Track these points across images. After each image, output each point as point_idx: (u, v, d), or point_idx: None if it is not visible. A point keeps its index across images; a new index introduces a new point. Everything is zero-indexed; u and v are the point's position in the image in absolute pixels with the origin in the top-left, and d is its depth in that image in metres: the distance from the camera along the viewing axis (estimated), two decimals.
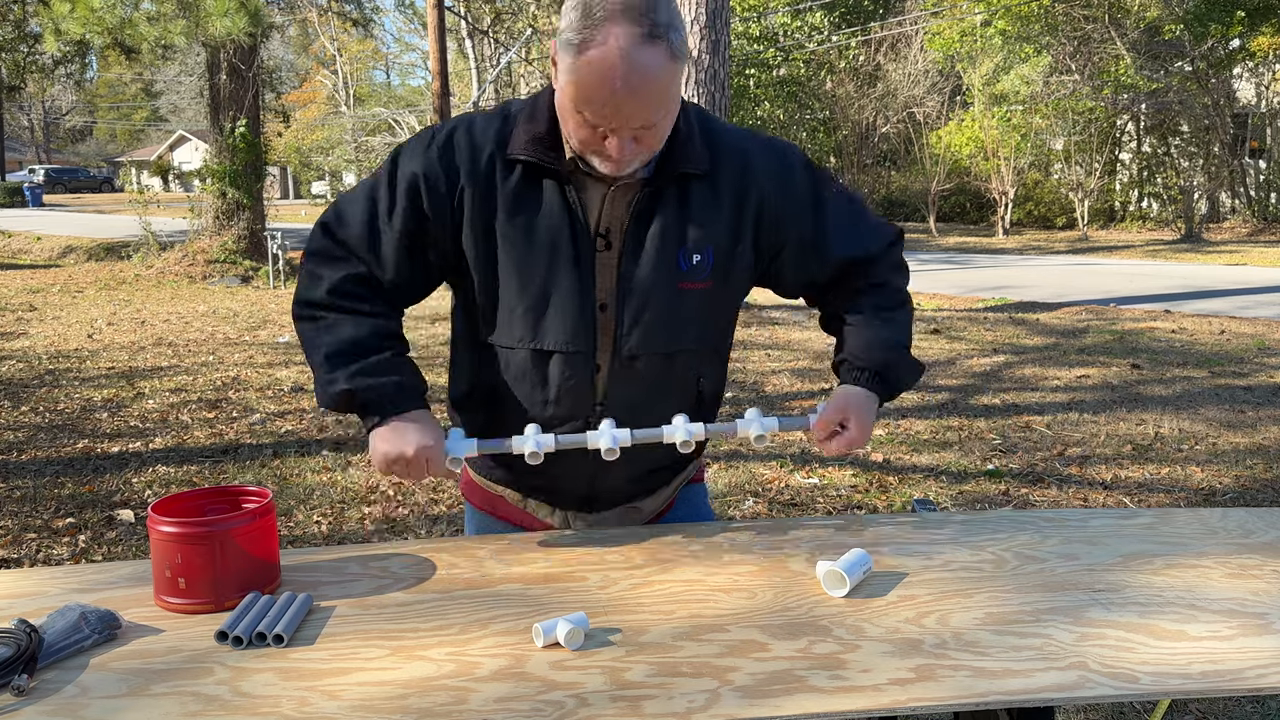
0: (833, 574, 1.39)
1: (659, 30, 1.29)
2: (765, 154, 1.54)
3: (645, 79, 1.30)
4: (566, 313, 1.47)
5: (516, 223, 1.46)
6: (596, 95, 1.31)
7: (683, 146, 1.46)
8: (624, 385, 1.53)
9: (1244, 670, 1.17)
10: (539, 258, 1.46)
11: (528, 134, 1.45)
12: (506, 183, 1.46)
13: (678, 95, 1.39)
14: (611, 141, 1.36)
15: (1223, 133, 20.44)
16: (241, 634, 1.23)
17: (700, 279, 1.50)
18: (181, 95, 50.78)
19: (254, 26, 12.02)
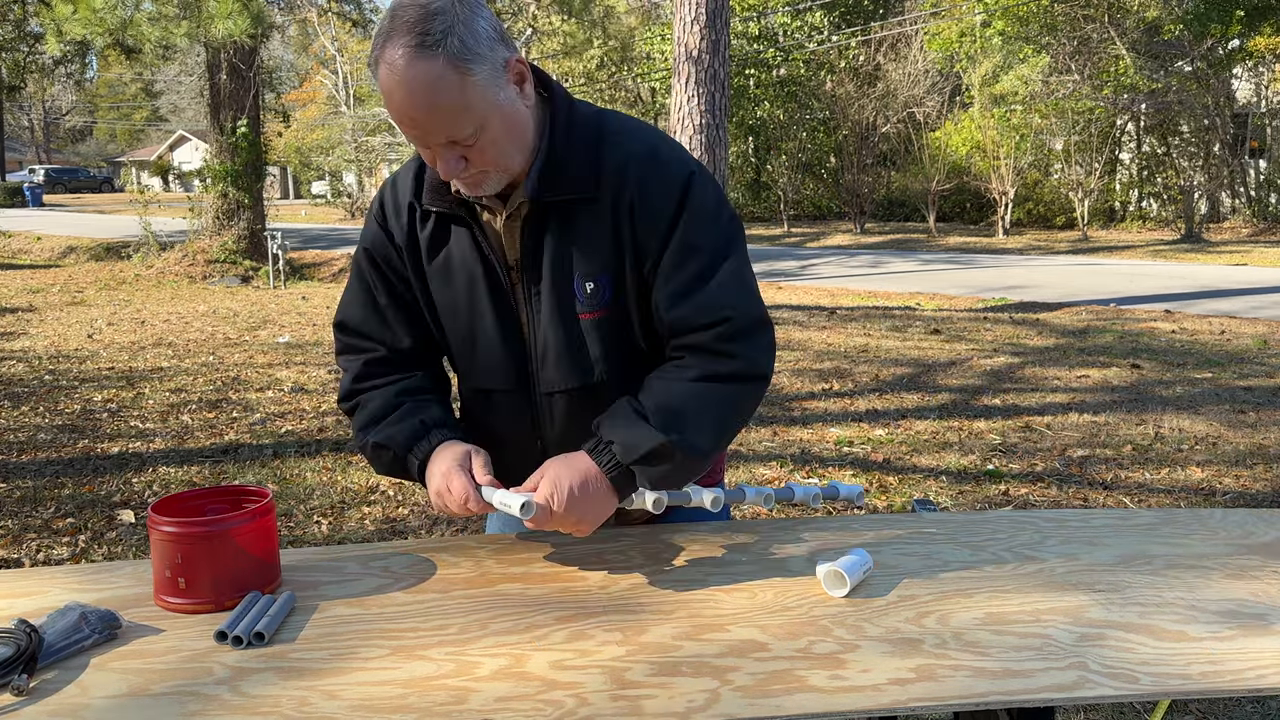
0: (833, 574, 1.39)
1: (430, 40, 1.26)
2: (646, 159, 1.43)
3: (425, 94, 1.27)
4: (491, 351, 1.51)
5: (436, 267, 1.50)
6: (394, 114, 1.31)
7: (559, 171, 1.41)
8: (557, 422, 1.52)
9: (1244, 671, 1.17)
10: (461, 299, 1.50)
11: (428, 181, 1.47)
12: (425, 230, 1.50)
13: (489, 106, 1.31)
14: (439, 161, 1.35)
15: (1223, 132, 20.44)
16: (241, 633, 1.23)
17: (597, 307, 1.45)
18: (181, 95, 50.80)
19: (255, 28, 12.03)
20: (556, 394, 1.50)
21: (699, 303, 1.42)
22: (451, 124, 1.30)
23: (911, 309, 10.66)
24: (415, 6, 1.28)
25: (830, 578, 1.39)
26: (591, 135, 1.44)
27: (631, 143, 1.44)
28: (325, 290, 14.13)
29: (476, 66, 1.29)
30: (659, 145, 1.46)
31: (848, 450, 5.14)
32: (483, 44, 1.30)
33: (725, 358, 1.43)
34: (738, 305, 1.43)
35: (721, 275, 1.44)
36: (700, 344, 1.44)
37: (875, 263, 16.04)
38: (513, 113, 1.36)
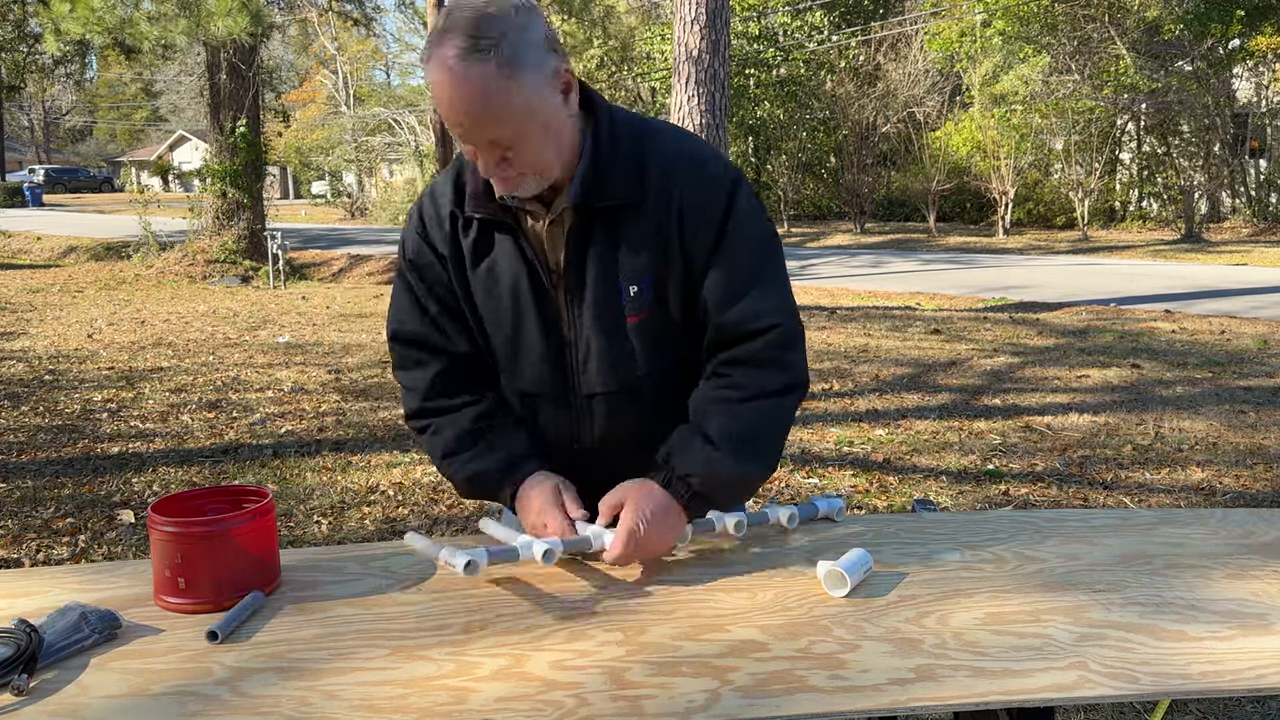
0: (833, 574, 1.39)
1: (484, 44, 1.28)
2: (691, 166, 1.47)
3: (474, 96, 1.30)
4: (533, 355, 1.53)
5: (479, 274, 1.52)
6: (440, 109, 1.34)
7: (604, 177, 1.43)
8: (597, 424, 1.55)
9: (1244, 671, 1.17)
10: (505, 304, 1.52)
11: (471, 188, 1.49)
12: (468, 238, 1.52)
13: (534, 113, 1.34)
14: (479, 159, 1.38)
15: (1223, 132, 20.43)
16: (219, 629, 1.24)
17: (642, 308, 1.48)
18: (181, 95, 50.79)
19: (255, 26, 12.03)
20: (597, 396, 1.53)
21: (748, 308, 1.47)
22: (495, 126, 1.33)
23: (911, 309, 10.66)
24: (473, 8, 1.30)
25: (830, 578, 1.39)
26: (635, 142, 1.47)
27: (675, 150, 1.48)
28: (325, 290, 14.13)
29: (525, 74, 1.31)
30: (703, 152, 1.51)
31: (848, 450, 5.14)
32: (533, 52, 1.32)
33: (775, 369, 1.48)
34: (783, 311, 1.49)
35: (768, 281, 1.49)
36: (750, 355, 1.48)
37: (875, 263, 16.04)
38: (556, 121, 1.38)
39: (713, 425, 1.46)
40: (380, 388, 6.77)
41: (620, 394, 1.52)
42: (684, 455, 1.46)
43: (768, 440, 1.49)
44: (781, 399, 1.49)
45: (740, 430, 1.45)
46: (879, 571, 1.45)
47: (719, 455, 1.44)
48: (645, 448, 1.53)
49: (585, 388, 1.53)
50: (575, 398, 1.54)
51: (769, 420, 1.48)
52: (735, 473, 1.46)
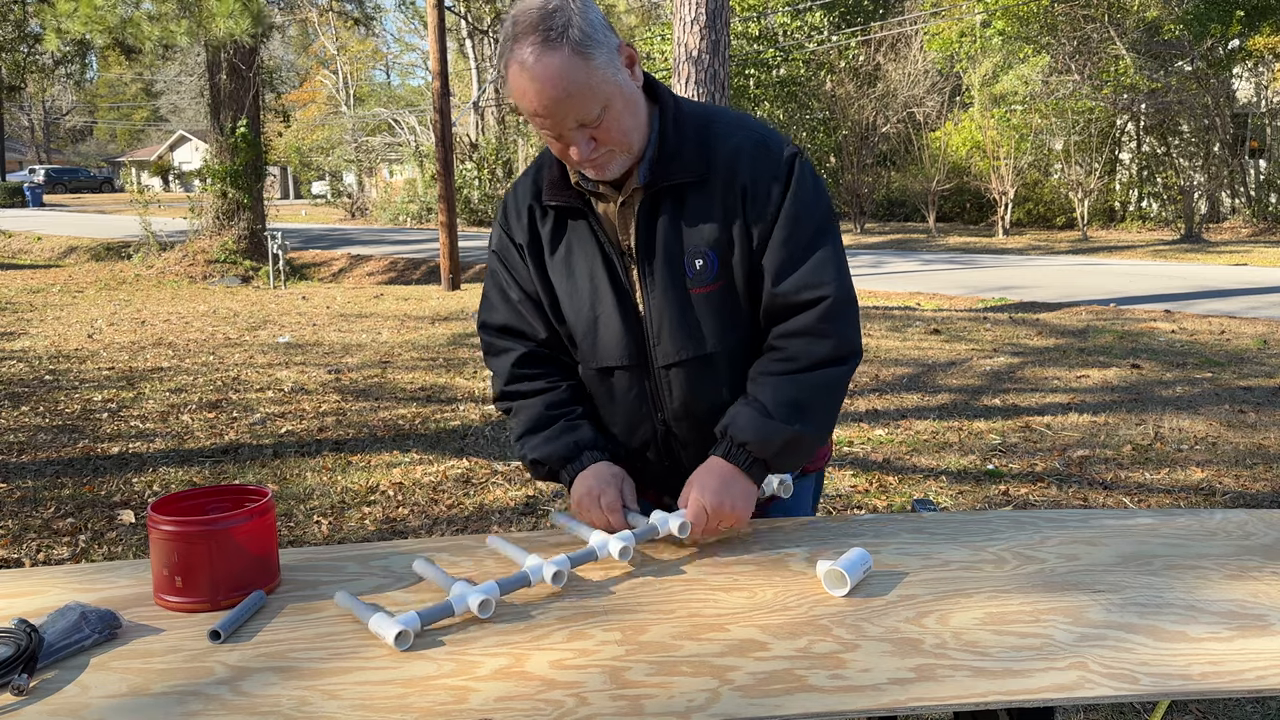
0: (833, 573, 1.39)
1: (554, 35, 1.38)
2: (756, 146, 1.56)
3: (556, 82, 1.39)
4: (612, 330, 1.61)
5: (557, 259, 1.63)
6: (528, 108, 1.43)
7: (672, 157, 1.54)
8: (675, 393, 1.63)
9: (1244, 671, 1.17)
10: (583, 286, 1.61)
11: (548, 179, 1.61)
12: (545, 227, 1.64)
13: (611, 86, 1.44)
14: (571, 147, 1.47)
15: (1223, 132, 20.44)
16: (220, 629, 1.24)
17: (708, 282, 1.57)
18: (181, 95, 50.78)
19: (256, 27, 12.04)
20: (673, 366, 1.60)
21: (799, 280, 1.55)
22: (581, 107, 1.42)
23: (911, 309, 10.66)
24: (534, 9, 1.41)
25: (830, 577, 1.39)
26: (700, 124, 1.57)
27: (740, 131, 1.58)
28: (325, 290, 14.13)
29: (596, 51, 1.42)
30: (765, 133, 1.60)
31: (847, 450, 5.14)
32: (598, 31, 1.43)
33: (826, 340, 1.56)
34: (835, 281, 1.57)
35: (822, 251, 1.57)
36: (802, 328, 1.56)
37: (876, 263, 16.04)
38: (630, 92, 1.49)
39: (766, 394, 1.55)
40: (380, 388, 6.77)
41: (693, 363, 1.60)
42: (740, 425, 1.54)
43: (819, 406, 1.57)
44: (832, 368, 1.57)
45: (792, 397, 1.54)
46: (879, 571, 1.45)
47: (772, 422, 1.52)
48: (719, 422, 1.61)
49: (661, 358, 1.61)
50: (653, 368, 1.62)
51: (820, 388, 1.56)
52: (788, 436, 1.53)
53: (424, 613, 1.27)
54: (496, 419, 5.81)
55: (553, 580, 1.37)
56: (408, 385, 6.84)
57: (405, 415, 5.95)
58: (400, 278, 16.55)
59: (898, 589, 1.40)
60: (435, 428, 5.67)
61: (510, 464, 4.93)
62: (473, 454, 5.12)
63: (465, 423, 5.76)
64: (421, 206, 29.76)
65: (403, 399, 6.40)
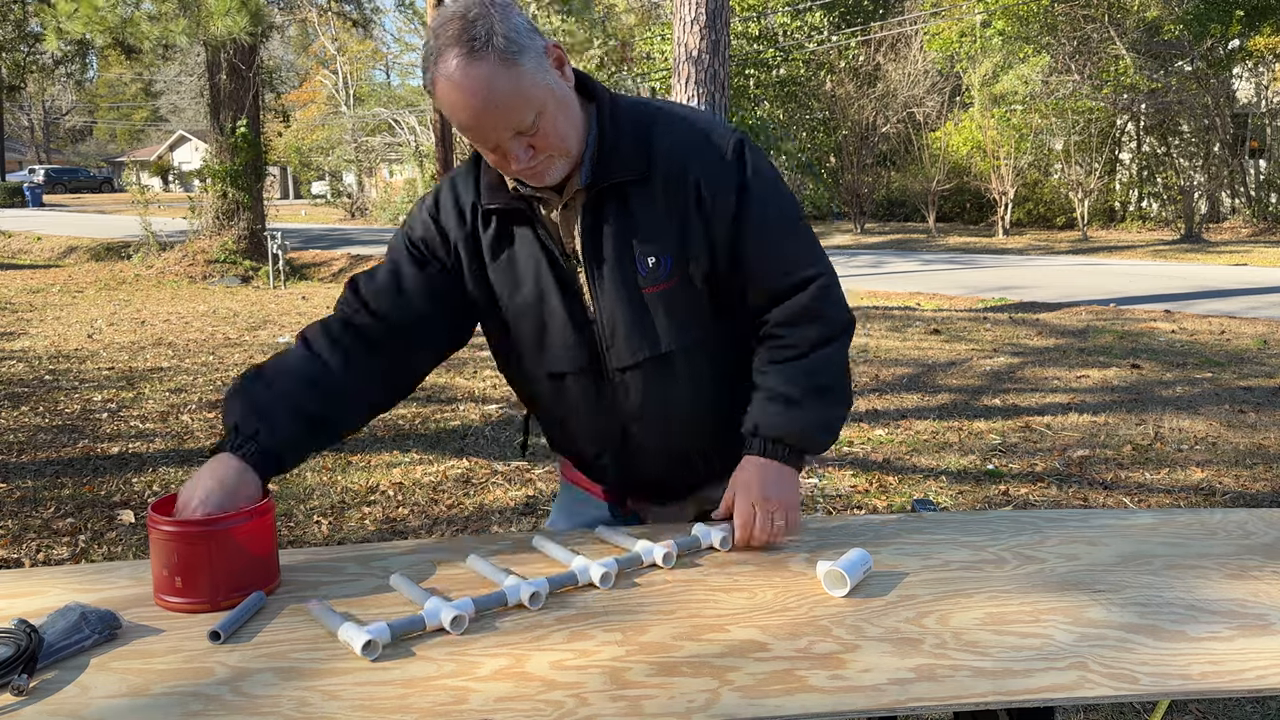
0: (833, 574, 1.39)
1: (478, 44, 1.35)
2: (698, 136, 1.53)
3: (484, 93, 1.36)
4: (561, 336, 1.56)
5: (500, 266, 1.57)
6: (460, 121, 1.39)
7: (610, 155, 1.49)
8: (633, 396, 1.58)
9: (1244, 671, 1.17)
10: (529, 292, 1.56)
11: (486, 181, 1.54)
12: (487, 231, 1.56)
13: (542, 90, 1.39)
14: (508, 157, 1.43)
15: (1223, 132, 20.44)
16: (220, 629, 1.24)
17: (661, 280, 1.52)
18: (181, 95, 50.79)
19: (255, 26, 12.04)
20: (629, 369, 1.56)
21: (787, 261, 1.54)
22: (514, 115, 1.38)
23: (911, 309, 10.66)
24: (455, 20, 1.37)
25: (830, 578, 1.39)
26: (638, 121, 1.52)
27: (680, 123, 1.54)
28: (325, 290, 14.13)
29: (523, 57, 1.38)
30: (706, 122, 1.57)
31: (847, 450, 5.14)
32: (523, 35, 1.39)
33: (823, 320, 1.56)
34: (816, 259, 1.57)
35: (798, 231, 1.56)
36: (797, 312, 1.54)
37: (876, 263, 16.04)
38: (562, 94, 1.44)
39: (784, 384, 1.54)
40: None
41: (650, 364, 1.56)
42: (770, 421, 1.53)
43: (838, 383, 1.58)
44: (836, 343, 1.57)
45: (811, 382, 1.54)
46: (879, 571, 1.45)
47: (802, 411, 1.53)
48: (682, 423, 1.59)
49: (616, 361, 1.56)
50: (607, 372, 1.58)
51: (833, 365, 1.57)
52: (820, 419, 1.55)
53: (395, 624, 1.23)
54: (496, 419, 5.82)
55: (530, 602, 1.33)
56: None
57: (405, 415, 5.95)
58: None
59: (898, 589, 1.40)
60: (435, 428, 5.67)
61: (510, 464, 4.93)
62: (473, 454, 5.12)
63: (465, 423, 5.76)
64: None
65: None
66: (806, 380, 1.54)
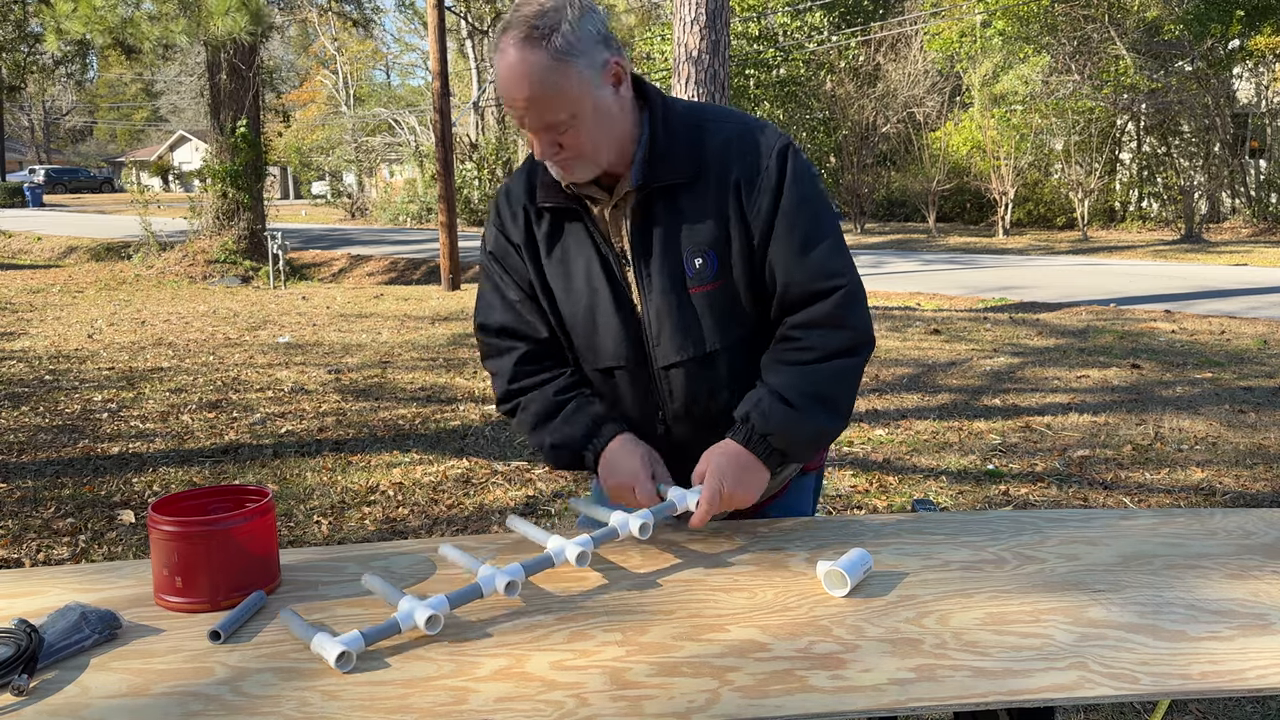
0: (833, 574, 1.39)
1: (538, 33, 1.41)
2: (745, 139, 1.56)
3: (525, 78, 1.42)
4: (610, 331, 1.61)
5: (554, 261, 1.63)
6: (501, 95, 1.46)
7: (662, 158, 1.53)
8: (678, 391, 1.62)
9: (1244, 671, 1.17)
10: (580, 288, 1.61)
11: (542, 181, 1.60)
12: (541, 229, 1.63)
13: (584, 99, 1.45)
14: (535, 143, 1.49)
15: (1223, 132, 20.43)
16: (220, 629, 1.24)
17: (708, 281, 1.56)
18: (181, 95, 50.79)
19: (255, 26, 12.04)
20: (673, 367, 1.60)
21: (812, 270, 1.55)
22: (548, 110, 1.44)
23: (911, 309, 10.66)
24: (533, 4, 1.43)
25: (830, 578, 1.39)
26: (690, 124, 1.57)
27: (729, 127, 1.58)
28: (325, 290, 14.13)
29: (576, 61, 1.43)
30: (754, 126, 1.60)
31: (847, 450, 5.14)
32: (585, 43, 1.44)
33: (843, 329, 1.56)
34: (845, 271, 1.57)
35: (831, 239, 1.57)
36: (818, 317, 1.55)
37: (876, 263, 16.04)
38: (606, 108, 1.49)
39: (787, 385, 1.54)
40: (380, 388, 6.77)
41: (694, 363, 1.59)
42: (762, 413, 1.53)
43: (840, 396, 1.57)
44: (850, 358, 1.57)
45: (814, 389, 1.54)
46: (879, 571, 1.45)
47: (796, 414, 1.52)
48: (721, 422, 1.61)
49: (660, 359, 1.60)
50: (653, 369, 1.62)
51: (841, 378, 1.56)
52: (812, 429, 1.55)
53: (368, 632, 1.21)
54: (496, 419, 5.81)
55: (506, 590, 1.31)
56: (408, 385, 6.84)
57: (405, 415, 5.95)
58: (400, 278, 16.56)
59: (898, 589, 1.40)
60: (435, 428, 5.68)
61: (510, 464, 4.93)
62: (473, 454, 5.12)
63: (465, 423, 5.76)
64: (421, 206, 29.76)
65: (403, 399, 6.40)
66: (812, 387, 1.53)
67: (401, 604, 1.26)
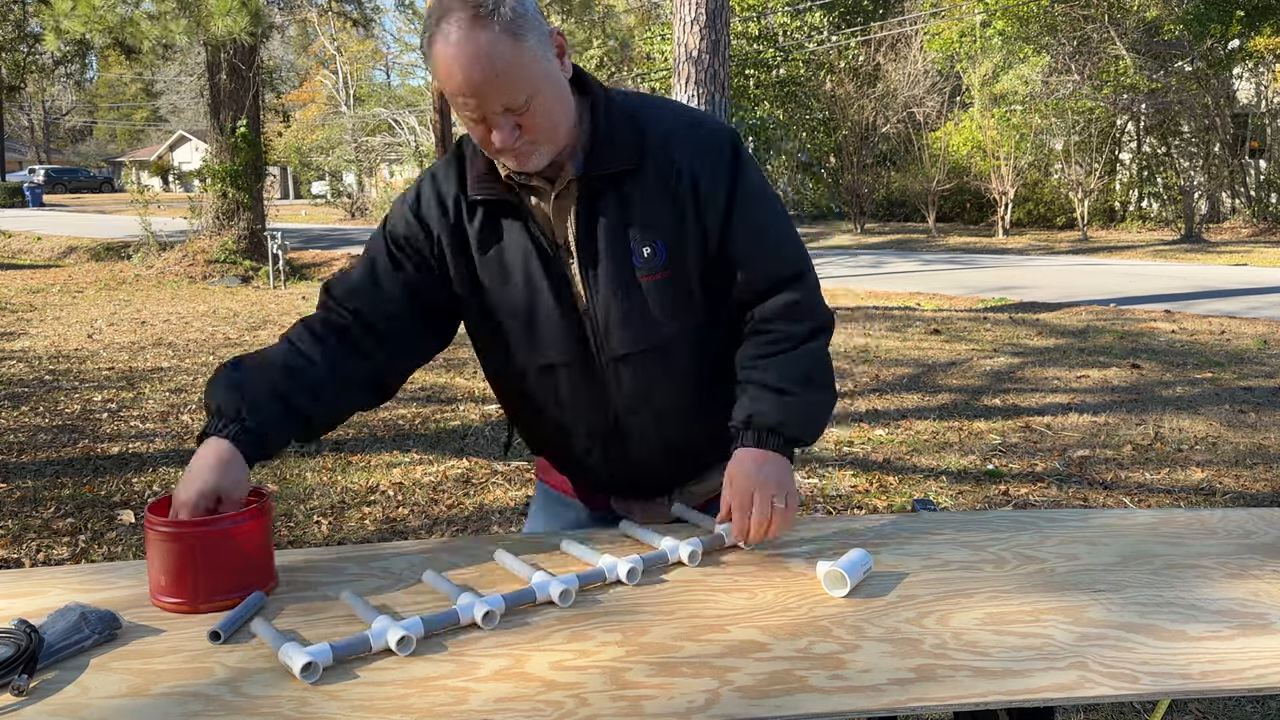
0: (833, 574, 1.39)
1: (483, 12, 1.32)
2: (690, 129, 1.53)
3: (483, 62, 1.33)
4: (552, 327, 1.55)
5: (489, 258, 1.55)
6: (452, 88, 1.35)
7: (605, 146, 1.48)
8: (631, 385, 1.58)
9: (1244, 670, 1.17)
10: (517, 283, 1.54)
11: (474, 172, 1.52)
12: (473, 223, 1.54)
13: (540, 73, 1.37)
14: (494, 133, 1.40)
15: (1223, 132, 20.44)
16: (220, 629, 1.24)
17: (658, 270, 1.52)
18: (181, 95, 50.79)
19: (255, 26, 12.03)
20: (623, 359, 1.56)
21: (773, 257, 1.55)
22: (508, 90, 1.35)
23: (911, 309, 10.66)
24: None
25: (830, 578, 1.39)
26: (631, 111, 1.52)
27: (671, 115, 1.54)
28: None
29: (528, 34, 1.35)
30: (698, 115, 1.57)
31: (848, 450, 5.14)
32: (530, 13, 1.37)
33: (809, 316, 1.56)
34: (802, 257, 1.58)
35: (788, 230, 1.57)
36: (784, 308, 1.55)
37: (876, 263, 16.04)
38: (559, 82, 1.43)
39: (773, 376, 1.52)
40: None
41: (646, 354, 1.55)
42: (762, 410, 1.51)
43: (823, 375, 1.57)
44: (820, 339, 1.58)
45: (800, 371, 1.53)
46: (879, 571, 1.45)
47: (793, 398, 1.51)
48: (675, 413, 1.59)
49: (609, 352, 1.55)
50: (600, 363, 1.57)
51: (818, 359, 1.57)
52: (812, 407, 1.55)
53: (337, 645, 1.19)
54: (496, 419, 5.81)
55: (484, 621, 1.28)
56: (408, 385, 6.83)
57: (405, 415, 5.95)
58: None
59: (898, 589, 1.40)
60: (435, 428, 5.67)
61: (510, 464, 4.93)
62: (473, 454, 5.12)
63: (465, 423, 5.76)
64: None
65: (403, 399, 6.40)
66: (799, 371, 1.53)
67: (375, 622, 1.23)
